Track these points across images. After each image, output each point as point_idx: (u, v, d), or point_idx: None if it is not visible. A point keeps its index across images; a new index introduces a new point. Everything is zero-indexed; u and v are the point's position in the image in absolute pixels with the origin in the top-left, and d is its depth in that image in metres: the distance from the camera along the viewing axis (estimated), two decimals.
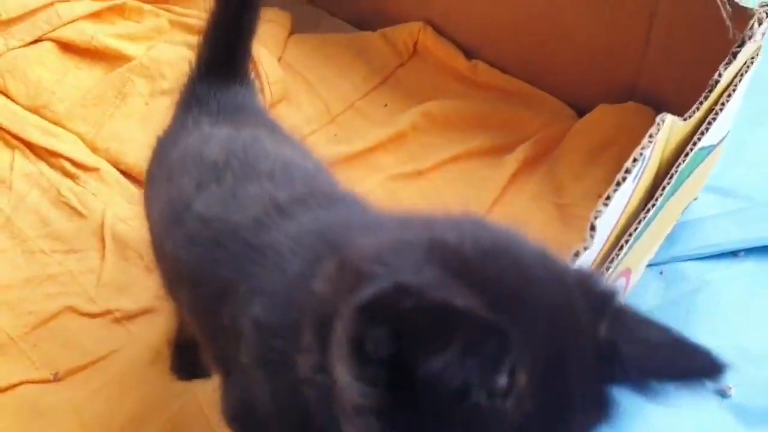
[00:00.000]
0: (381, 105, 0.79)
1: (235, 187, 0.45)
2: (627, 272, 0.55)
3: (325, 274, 0.35)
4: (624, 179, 0.45)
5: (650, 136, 0.47)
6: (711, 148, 0.58)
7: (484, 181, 0.70)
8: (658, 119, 0.48)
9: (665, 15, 0.62)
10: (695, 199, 0.72)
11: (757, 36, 0.55)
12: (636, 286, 0.67)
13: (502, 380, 0.30)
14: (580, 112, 0.74)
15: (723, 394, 0.60)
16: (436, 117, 0.76)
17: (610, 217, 0.45)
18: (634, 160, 0.46)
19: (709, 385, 0.33)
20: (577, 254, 0.42)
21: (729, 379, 0.61)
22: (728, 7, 0.57)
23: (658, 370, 0.34)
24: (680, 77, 0.59)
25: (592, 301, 0.33)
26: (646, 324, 0.35)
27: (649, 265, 0.68)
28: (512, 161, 0.71)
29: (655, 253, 0.69)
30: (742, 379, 0.61)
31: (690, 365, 0.34)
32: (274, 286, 0.38)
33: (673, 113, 0.53)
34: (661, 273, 0.68)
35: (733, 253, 0.69)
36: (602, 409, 0.34)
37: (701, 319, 0.65)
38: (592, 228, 0.43)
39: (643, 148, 0.46)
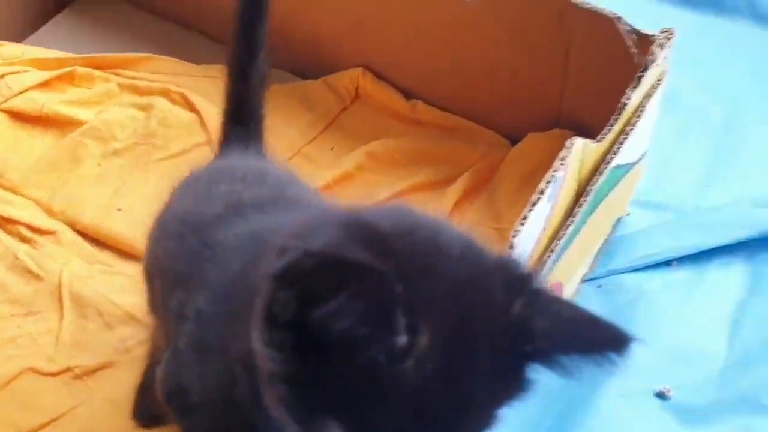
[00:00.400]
0: (327, 149, 0.82)
1: (208, 187, 0.50)
2: (558, 285, 0.59)
3: (257, 269, 0.37)
4: (539, 200, 0.49)
5: (562, 159, 0.51)
6: (629, 166, 0.62)
7: (428, 213, 0.74)
8: (567, 143, 0.52)
9: (578, 48, 0.67)
10: (627, 214, 0.76)
11: (659, 60, 0.60)
12: (576, 300, 0.70)
13: (402, 339, 0.31)
14: (514, 142, 0.78)
15: (663, 396, 0.63)
16: (380, 156, 0.80)
17: (529, 236, 0.48)
18: (548, 182, 0.50)
19: (616, 358, 0.34)
20: None
21: (668, 382, 0.64)
22: (633, 35, 0.62)
23: (567, 343, 0.35)
24: (598, 103, 0.63)
25: (510, 282, 0.35)
26: (561, 302, 0.36)
27: (588, 280, 0.72)
28: (453, 192, 0.75)
29: (594, 269, 0.72)
30: (680, 381, 0.64)
31: (598, 339, 0.35)
32: (217, 281, 0.42)
33: (595, 136, 0.57)
34: (599, 287, 0.72)
35: (667, 263, 0.73)
36: (513, 383, 0.35)
37: (640, 327, 0.68)
38: (511, 246, 0.46)
39: (555, 171, 0.50)
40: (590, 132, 0.59)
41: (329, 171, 0.78)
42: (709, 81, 0.91)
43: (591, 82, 0.66)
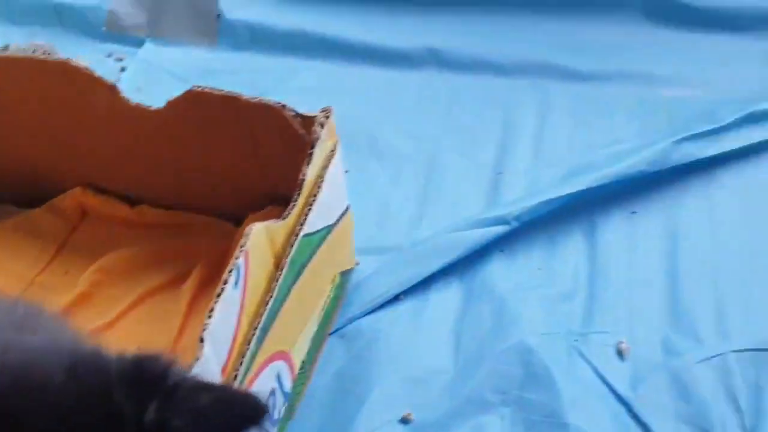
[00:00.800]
0: (61, 274, 0.83)
1: None
2: (282, 354, 0.64)
3: None
4: (223, 290, 0.54)
5: (241, 247, 0.57)
6: (326, 229, 0.70)
7: (168, 314, 0.77)
8: (246, 230, 0.58)
9: (262, 135, 0.75)
10: (357, 264, 0.85)
11: (323, 136, 0.68)
12: (324, 355, 0.77)
13: None
14: (240, 225, 0.84)
15: (406, 421, 0.71)
16: (114, 268, 0.82)
17: (222, 326, 0.54)
18: (230, 270, 0.55)
19: (255, 430, 0.36)
20: (191, 366, 0.49)
21: (408, 407, 0.72)
22: (298, 119, 0.70)
23: None
24: (294, 180, 0.70)
25: (142, 387, 0.34)
26: (199, 390, 0.36)
27: (332, 333, 0.79)
28: (189, 288, 0.78)
29: (337, 322, 0.80)
30: (419, 402, 0.72)
31: (235, 419, 0.36)
32: None
33: None
34: (342, 337, 0.79)
35: (396, 298, 0.83)
36: None
37: (380, 364, 0.76)
38: (201, 340, 0.51)
39: (236, 259, 0.56)
40: None
41: (65, 295, 0.79)
42: (412, 128, 1.04)
43: (283, 163, 0.73)
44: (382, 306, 0.82)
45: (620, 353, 0.76)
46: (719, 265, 0.84)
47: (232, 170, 0.79)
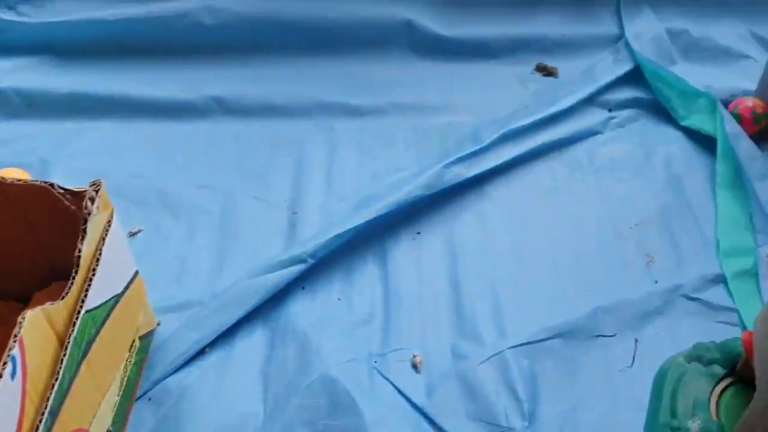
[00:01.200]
0: None
1: None
2: (82, 430, 0.64)
3: None
4: None
5: (14, 337, 0.57)
6: (113, 300, 0.71)
7: None
8: (20, 318, 0.58)
9: (36, 217, 0.74)
10: (159, 324, 0.85)
11: (95, 210, 0.69)
12: (132, 421, 0.77)
13: None
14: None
15: None
16: None
17: (2, 420, 0.53)
18: (4, 363, 0.55)
19: None
20: None
21: None
22: (68, 195, 0.70)
23: None
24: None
25: None
26: None
27: (139, 398, 0.79)
28: None
29: (142, 385, 0.80)
30: None
31: None
32: None
33: None
34: (149, 399, 0.80)
35: (202, 351, 0.84)
36: None
37: (192, 420, 0.78)
38: None
39: (11, 350, 0.56)
40: None
41: None
42: (203, 178, 1.06)
43: (61, 240, 0.72)
44: (188, 362, 0.83)
45: (415, 366, 0.84)
46: (493, 270, 0.94)
47: (11, 252, 0.77)
